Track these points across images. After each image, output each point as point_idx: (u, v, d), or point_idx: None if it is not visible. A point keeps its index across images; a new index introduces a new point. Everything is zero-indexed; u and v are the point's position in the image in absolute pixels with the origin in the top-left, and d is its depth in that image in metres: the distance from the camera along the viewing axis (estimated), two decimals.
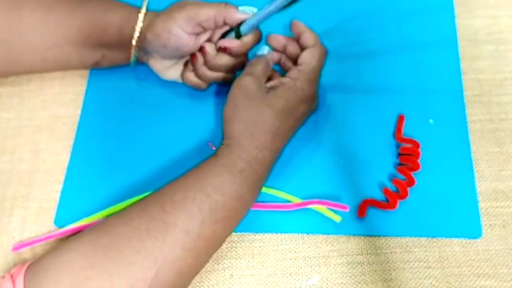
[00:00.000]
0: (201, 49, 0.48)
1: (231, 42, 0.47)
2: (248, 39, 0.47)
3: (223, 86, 0.52)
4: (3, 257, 0.47)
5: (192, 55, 0.49)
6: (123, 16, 0.48)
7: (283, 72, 0.49)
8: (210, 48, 0.48)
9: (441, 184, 0.48)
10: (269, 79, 0.47)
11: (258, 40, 0.47)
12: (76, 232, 0.46)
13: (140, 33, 0.47)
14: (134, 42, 0.47)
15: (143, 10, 0.47)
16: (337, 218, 0.47)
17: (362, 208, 0.47)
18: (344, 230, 0.47)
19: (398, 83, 0.53)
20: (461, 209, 0.47)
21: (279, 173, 0.48)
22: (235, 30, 0.47)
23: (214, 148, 0.49)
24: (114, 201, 0.48)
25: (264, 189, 0.47)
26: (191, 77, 0.50)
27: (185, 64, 0.51)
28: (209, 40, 0.48)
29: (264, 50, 0.48)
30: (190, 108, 0.53)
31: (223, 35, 0.49)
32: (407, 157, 0.49)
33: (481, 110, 0.52)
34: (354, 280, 0.45)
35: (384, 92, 0.53)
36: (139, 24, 0.47)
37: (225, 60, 0.48)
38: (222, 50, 0.48)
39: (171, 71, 0.51)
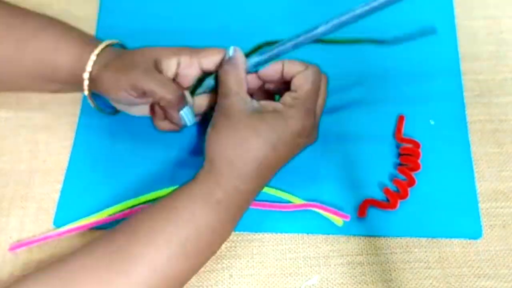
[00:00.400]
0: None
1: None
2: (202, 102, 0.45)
3: None
4: (0, 257, 0.47)
5: (151, 109, 0.46)
6: (74, 57, 0.45)
7: None
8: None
9: (441, 185, 0.48)
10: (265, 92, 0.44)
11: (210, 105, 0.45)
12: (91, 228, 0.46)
13: (90, 79, 0.44)
14: (85, 88, 0.45)
15: (93, 57, 0.44)
16: (339, 222, 0.46)
17: (362, 208, 0.47)
18: (344, 230, 0.47)
19: (398, 84, 0.53)
20: (461, 210, 0.47)
21: (279, 172, 0.48)
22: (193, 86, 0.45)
23: None
24: (114, 201, 0.48)
25: (265, 189, 0.46)
26: (164, 124, 0.46)
27: (152, 112, 0.47)
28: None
29: (230, 51, 0.42)
30: None
31: None
32: (407, 157, 0.49)
33: (481, 111, 0.52)
34: (354, 281, 0.45)
35: (384, 93, 0.53)
36: (87, 73, 0.44)
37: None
38: None
39: (135, 109, 0.47)
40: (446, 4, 0.57)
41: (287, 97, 0.40)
